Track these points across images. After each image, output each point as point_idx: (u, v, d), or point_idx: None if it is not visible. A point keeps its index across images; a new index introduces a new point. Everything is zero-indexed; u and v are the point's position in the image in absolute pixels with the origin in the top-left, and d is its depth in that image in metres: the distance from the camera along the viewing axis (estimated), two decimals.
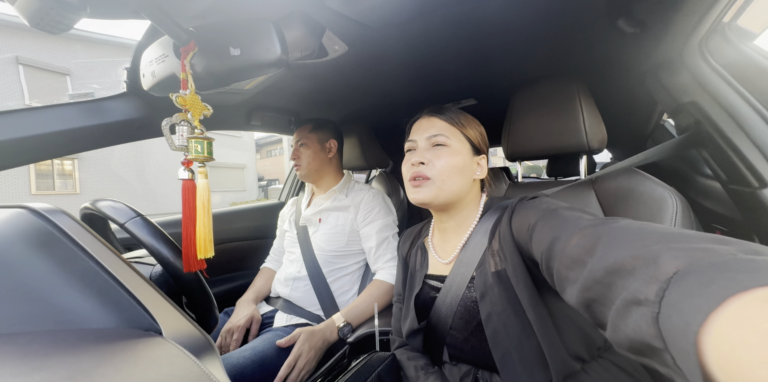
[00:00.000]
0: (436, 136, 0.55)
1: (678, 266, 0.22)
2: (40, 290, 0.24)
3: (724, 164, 0.62)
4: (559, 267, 0.34)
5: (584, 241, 0.32)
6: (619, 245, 0.27)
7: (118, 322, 0.25)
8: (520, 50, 0.78)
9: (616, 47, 0.74)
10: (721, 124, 0.57)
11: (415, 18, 0.60)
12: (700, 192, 0.85)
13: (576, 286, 0.30)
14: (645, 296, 0.22)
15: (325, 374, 0.62)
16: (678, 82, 0.67)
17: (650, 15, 0.57)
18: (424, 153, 0.55)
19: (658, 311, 0.20)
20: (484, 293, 0.48)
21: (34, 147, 0.66)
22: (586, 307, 0.29)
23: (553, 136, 0.75)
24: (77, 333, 0.22)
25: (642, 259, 0.24)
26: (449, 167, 0.53)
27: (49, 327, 0.22)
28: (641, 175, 0.64)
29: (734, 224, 0.69)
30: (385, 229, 0.95)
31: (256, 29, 0.44)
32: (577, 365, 0.45)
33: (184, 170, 0.50)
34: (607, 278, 0.26)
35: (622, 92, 1.01)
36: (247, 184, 12.33)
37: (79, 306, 0.24)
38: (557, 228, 0.37)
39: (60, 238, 0.27)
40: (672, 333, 0.19)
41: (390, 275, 0.90)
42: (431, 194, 0.53)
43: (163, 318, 0.27)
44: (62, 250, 0.26)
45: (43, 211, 0.28)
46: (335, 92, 1.03)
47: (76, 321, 0.23)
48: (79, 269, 0.26)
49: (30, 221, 0.27)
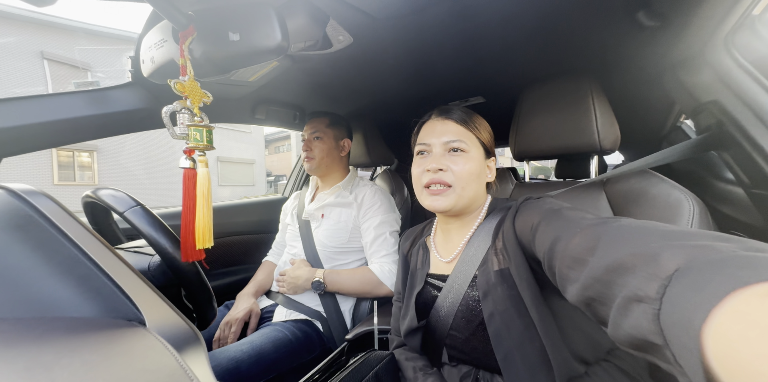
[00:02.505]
0: (453, 142, 0.53)
1: (678, 263, 0.22)
2: (14, 275, 0.23)
3: (747, 167, 0.58)
4: (561, 266, 0.34)
5: (585, 240, 0.32)
6: (619, 243, 0.28)
7: (98, 311, 0.24)
8: (532, 46, 0.75)
9: (634, 43, 0.71)
10: (747, 125, 0.54)
11: (424, 9, 0.58)
12: (718, 197, 0.81)
13: (577, 285, 0.30)
14: (646, 293, 0.22)
15: (322, 370, 0.61)
16: (700, 80, 0.63)
17: (672, 7, 0.54)
18: (440, 159, 0.53)
19: (659, 307, 0.21)
20: (487, 292, 0.47)
21: (38, 134, 0.66)
22: (586, 305, 0.30)
23: (564, 136, 0.73)
24: (49, 322, 0.21)
25: (642, 257, 0.24)
26: (468, 174, 0.52)
27: (21, 315, 0.21)
28: (656, 177, 0.61)
29: (754, 230, 0.65)
30: (382, 225, 0.94)
31: (256, 14, 0.42)
32: (581, 367, 0.45)
33: (185, 159, 0.49)
34: (607, 276, 0.26)
35: (638, 91, 0.97)
36: (256, 179, 12.59)
37: (56, 293, 0.23)
38: (559, 228, 0.38)
39: (39, 221, 0.26)
40: (673, 330, 0.19)
41: (380, 270, 0.89)
42: (451, 201, 0.52)
43: (148, 308, 0.25)
44: (41, 233, 0.25)
45: (21, 192, 0.27)
46: (340, 87, 1.01)
47: (53, 309, 0.22)
48: (59, 254, 0.25)
49: (7, 202, 0.26)
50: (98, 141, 8.03)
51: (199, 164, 0.50)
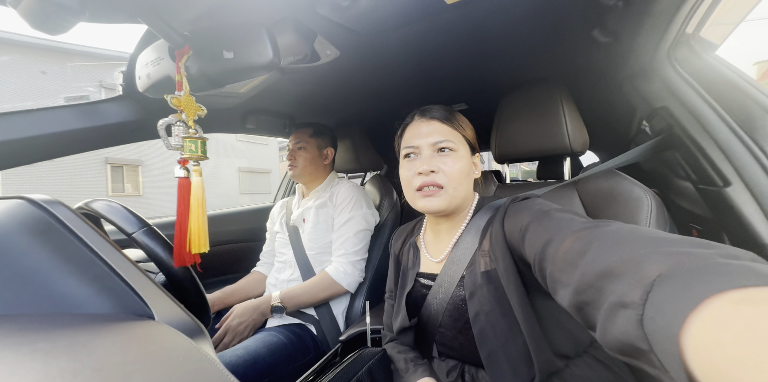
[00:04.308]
0: (441, 142, 0.53)
1: (661, 269, 0.22)
2: (38, 276, 0.25)
3: (693, 165, 0.65)
4: (552, 269, 0.34)
5: (577, 244, 0.32)
6: (610, 249, 0.28)
7: (112, 308, 0.26)
8: (507, 57, 0.81)
9: (595, 56, 0.79)
10: (690, 128, 0.61)
11: (404, 25, 0.63)
12: (677, 193, 0.89)
13: (569, 289, 0.30)
14: (631, 299, 0.22)
15: (317, 371, 0.62)
16: (651, 89, 0.71)
17: (621, 25, 0.62)
18: (430, 160, 0.52)
19: (642, 313, 0.21)
20: (473, 292, 0.49)
21: (30, 148, 0.66)
22: (578, 309, 0.30)
23: (539, 139, 0.79)
24: (73, 316, 0.23)
25: (630, 263, 0.25)
26: (459, 173, 0.52)
27: (46, 311, 0.23)
28: (620, 177, 0.67)
29: (708, 222, 0.72)
30: (348, 223, 0.96)
31: (248, 33, 0.46)
32: (561, 362, 0.46)
33: (179, 169, 0.51)
34: (599, 282, 0.27)
35: (604, 98, 1.06)
36: (272, 187, 13.20)
37: (75, 292, 0.25)
38: (550, 230, 0.38)
39: (57, 227, 0.28)
40: (656, 335, 0.19)
41: (335, 270, 0.91)
42: (444, 202, 0.52)
43: (156, 305, 0.28)
44: (59, 238, 0.27)
45: (41, 201, 0.29)
46: (329, 96, 1.05)
47: (72, 306, 0.25)
48: (76, 257, 0.27)
49: (29, 211, 0.28)
50: (142, 157, 8.98)
51: (194, 173, 0.52)
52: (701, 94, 0.59)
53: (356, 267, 0.95)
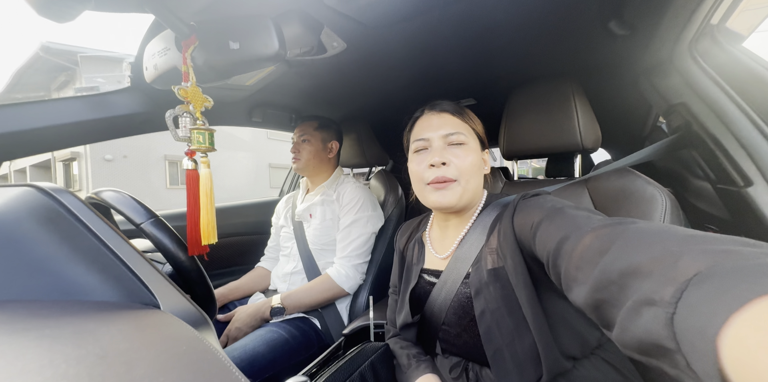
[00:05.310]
0: (453, 135, 0.52)
1: (699, 268, 0.21)
2: (47, 263, 0.25)
3: (712, 164, 0.63)
4: (568, 267, 0.33)
5: (598, 241, 0.31)
6: (637, 247, 0.27)
7: (118, 296, 0.26)
8: (517, 51, 0.79)
9: (609, 50, 0.76)
10: (709, 125, 0.58)
11: (412, 17, 0.61)
12: (693, 193, 0.86)
13: (585, 286, 0.29)
14: (660, 297, 0.21)
15: (320, 364, 0.63)
16: (669, 84, 0.68)
17: (639, 17, 0.59)
18: (442, 153, 0.51)
19: (673, 311, 0.20)
20: (479, 290, 0.48)
21: (41, 138, 0.67)
22: (594, 307, 0.28)
23: (549, 136, 0.77)
24: (80, 303, 0.23)
25: (661, 261, 0.24)
26: (470, 166, 0.51)
27: (54, 298, 0.24)
28: (633, 175, 0.65)
29: (724, 224, 0.70)
30: (352, 225, 0.96)
31: (255, 25, 0.45)
32: (568, 363, 0.45)
33: (187, 160, 0.51)
34: (622, 279, 0.26)
35: (618, 94, 1.02)
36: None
37: (82, 280, 0.26)
38: (565, 227, 0.36)
39: (65, 215, 0.28)
40: (687, 334, 0.19)
41: (336, 273, 0.91)
42: (457, 196, 0.50)
43: (162, 294, 0.28)
44: (67, 226, 0.28)
45: (49, 189, 0.30)
46: (335, 90, 1.04)
47: (80, 293, 0.25)
48: (83, 245, 0.27)
49: (37, 198, 0.28)
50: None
51: (202, 165, 0.53)
52: (725, 89, 0.56)
53: (358, 270, 0.95)
